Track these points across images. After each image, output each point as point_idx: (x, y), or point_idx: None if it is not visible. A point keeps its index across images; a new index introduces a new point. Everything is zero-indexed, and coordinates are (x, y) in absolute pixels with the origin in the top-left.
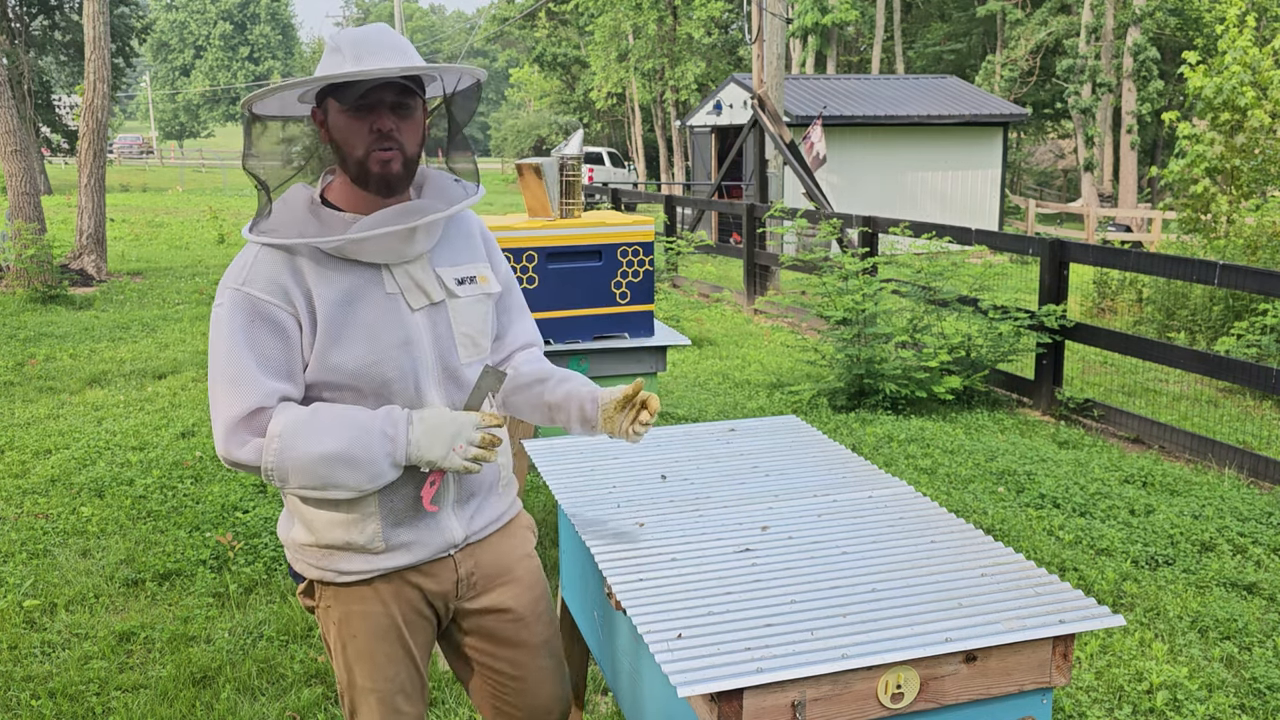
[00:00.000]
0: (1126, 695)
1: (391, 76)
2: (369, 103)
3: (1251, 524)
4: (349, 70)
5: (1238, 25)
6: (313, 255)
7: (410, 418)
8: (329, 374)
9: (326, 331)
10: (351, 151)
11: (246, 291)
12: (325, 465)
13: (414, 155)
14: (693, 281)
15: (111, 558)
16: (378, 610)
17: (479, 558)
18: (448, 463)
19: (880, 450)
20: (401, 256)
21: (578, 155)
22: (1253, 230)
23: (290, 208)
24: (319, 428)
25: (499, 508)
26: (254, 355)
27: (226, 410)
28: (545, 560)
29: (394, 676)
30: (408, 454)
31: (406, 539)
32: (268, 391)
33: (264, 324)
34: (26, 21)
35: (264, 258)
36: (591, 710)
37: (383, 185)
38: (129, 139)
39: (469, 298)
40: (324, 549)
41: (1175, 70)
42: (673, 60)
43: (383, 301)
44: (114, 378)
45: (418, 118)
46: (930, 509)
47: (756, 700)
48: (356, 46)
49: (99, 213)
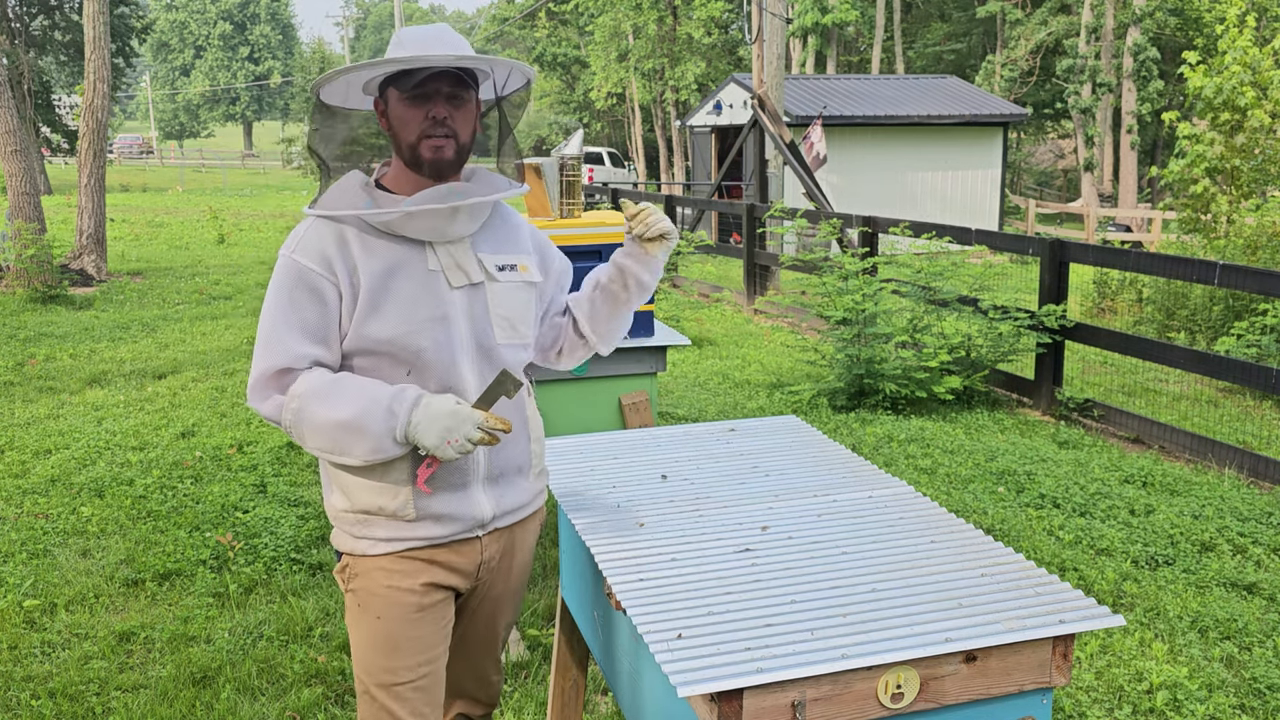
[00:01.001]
0: (1126, 695)
1: (448, 64)
2: (425, 91)
3: (1251, 524)
4: (406, 56)
5: (1238, 25)
6: (361, 229)
7: (419, 401)
8: (366, 341)
9: (367, 300)
10: (407, 137)
11: (294, 259)
12: (336, 430)
13: (466, 144)
14: (693, 281)
15: (111, 558)
16: (405, 585)
17: (500, 544)
18: (439, 451)
19: (880, 450)
20: (444, 235)
21: (578, 155)
22: (1253, 230)
23: (344, 187)
24: (336, 394)
25: (529, 493)
26: (293, 318)
27: (257, 365)
28: (545, 560)
29: (416, 666)
30: (406, 433)
31: (437, 510)
32: (298, 355)
33: (305, 290)
34: (26, 21)
35: (315, 229)
36: (591, 710)
37: (435, 169)
38: (129, 139)
39: (508, 283)
40: (358, 515)
41: (1175, 70)
42: (673, 60)
43: (424, 276)
44: (114, 378)
45: (471, 109)
46: (930, 509)
47: (756, 700)
48: (417, 42)
49: (99, 213)
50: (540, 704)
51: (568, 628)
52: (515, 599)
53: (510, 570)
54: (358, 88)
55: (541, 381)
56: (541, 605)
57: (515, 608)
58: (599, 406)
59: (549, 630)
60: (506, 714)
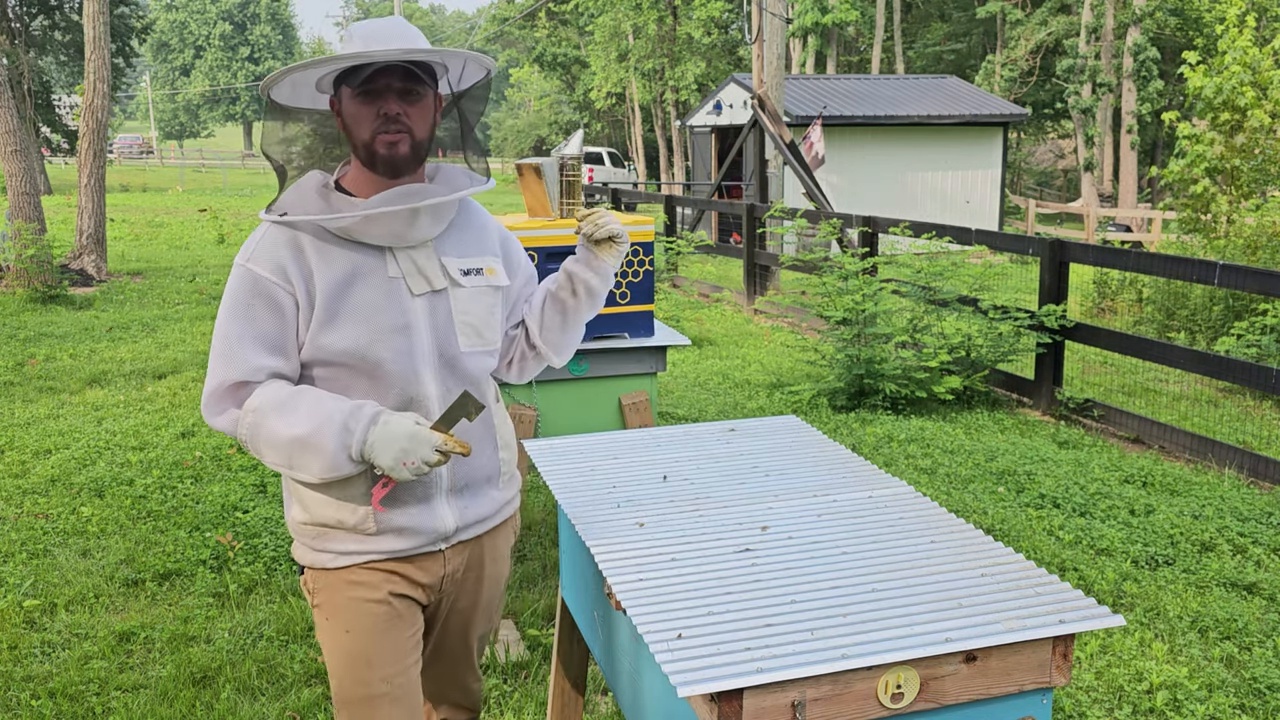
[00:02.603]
0: (1126, 695)
1: (395, 58)
2: (376, 88)
3: (1251, 524)
4: (355, 51)
5: (1238, 25)
6: (317, 234)
7: (376, 418)
8: (323, 352)
9: (323, 310)
10: (360, 135)
11: (250, 268)
12: (291, 446)
13: (423, 140)
14: (693, 281)
15: (111, 558)
16: (370, 596)
17: (465, 556)
18: (395, 472)
19: (880, 450)
20: (404, 240)
21: (578, 155)
22: (1253, 230)
23: (302, 190)
24: (292, 409)
25: (497, 503)
26: (249, 330)
27: (212, 378)
28: (545, 560)
29: (390, 677)
30: (362, 451)
31: (399, 523)
32: (255, 367)
33: (262, 300)
34: (26, 21)
35: (270, 236)
36: (591, 710)
37: (389, 167)
38: (129, 139)
39: (473, 288)
40: (318, 527)
41: (1175, 70)
42: (673, 60)
43: (384, 284)
44: (114, 378)
45: (427, 104)
46: (930, 509)
47: (756, 700)
48: (368, 37)
49: (99, 213)
50: (540, 704)
51: (568, 628)
52: (488, 610)
53: (480, 582)
54: (310, 86)
55: (541, 381)
56: (541, 605)
57: (489, 618)
58: (599, 406)
59: (549, 630)
60: (506, 714)
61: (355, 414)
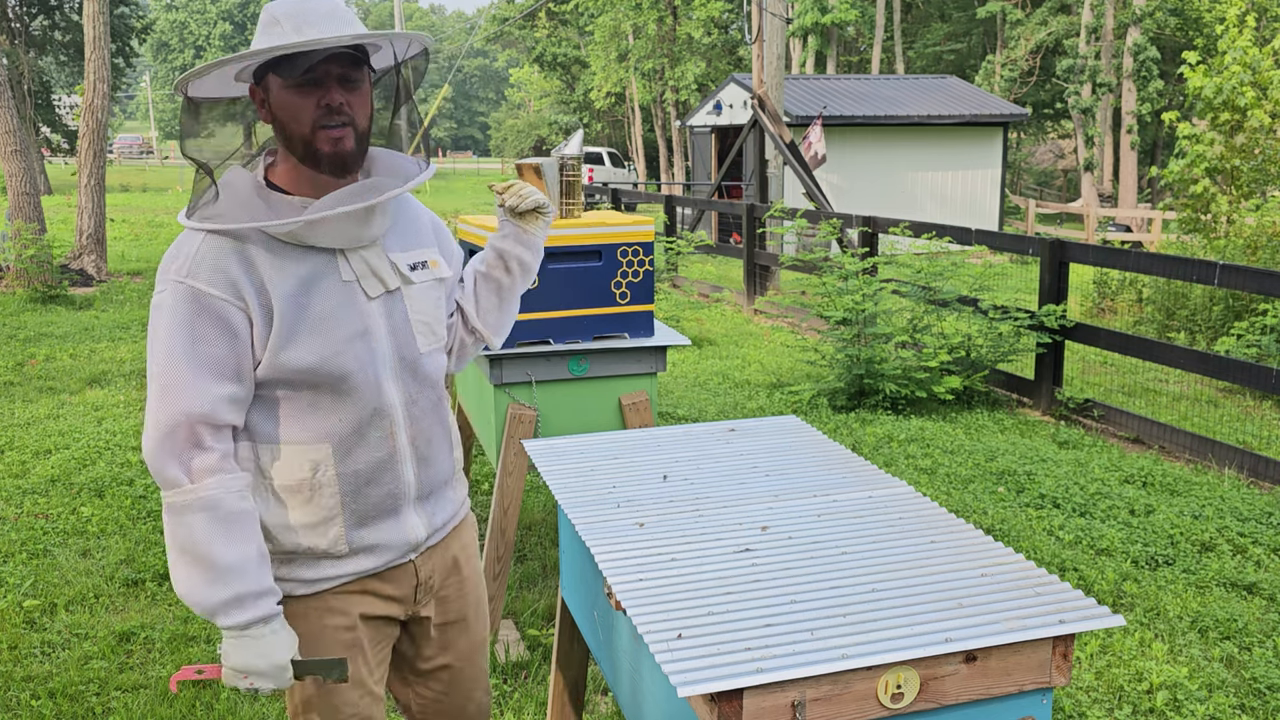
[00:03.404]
0: (1126, 695)
1: (343, 45)
2: (315, 77)
3: (1251, 524)
4: (294, 41)
5: (1238, 25)
6: (264, 243)
7: (267, 622)
8: (283, 371)
9: (282, 326)
10: (298, 129)
11: (190, 284)
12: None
13: (365, 131)
14: (693, 281)
15: (111, 558)
16: (341, 624)
17: (434, 561)
18: (227, 678)
19: (880, 450)
20: (357, 240)
21: (578, 155)
22: (1253, 230)
23: (236, 192)
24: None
25: (455, 502)
26: (197, 354)
27: (162, 412)
28: (545, 560)
29: (355, 702)
30: (227, 630)
31: (371, 540)
32: (211, 397)
33: (210, 321)
34: (26, 21)
35: (210, 246)
36: (591, 710)
37: (336, 165)
38: (129, 139)
39: (422, 284)
40: (285, 555)
41: (1175, 70)
42: (673, 60)
43: (339, 290)
44: (114, 378)
45: (365, 90)
46: (930, 509)
47: (756, 700)
48: (296, 18)
49: (99, 213)
50: (540, 704)
51: (568, 628)
52: (479, 610)
53: (463, 585)
54: (229, 78)
55: (542, 381)
56: (541, 605)
57: (483, 619)
58: (599, 406)
59: (549, 630)
60: (506, 714)
61: (263, 598)
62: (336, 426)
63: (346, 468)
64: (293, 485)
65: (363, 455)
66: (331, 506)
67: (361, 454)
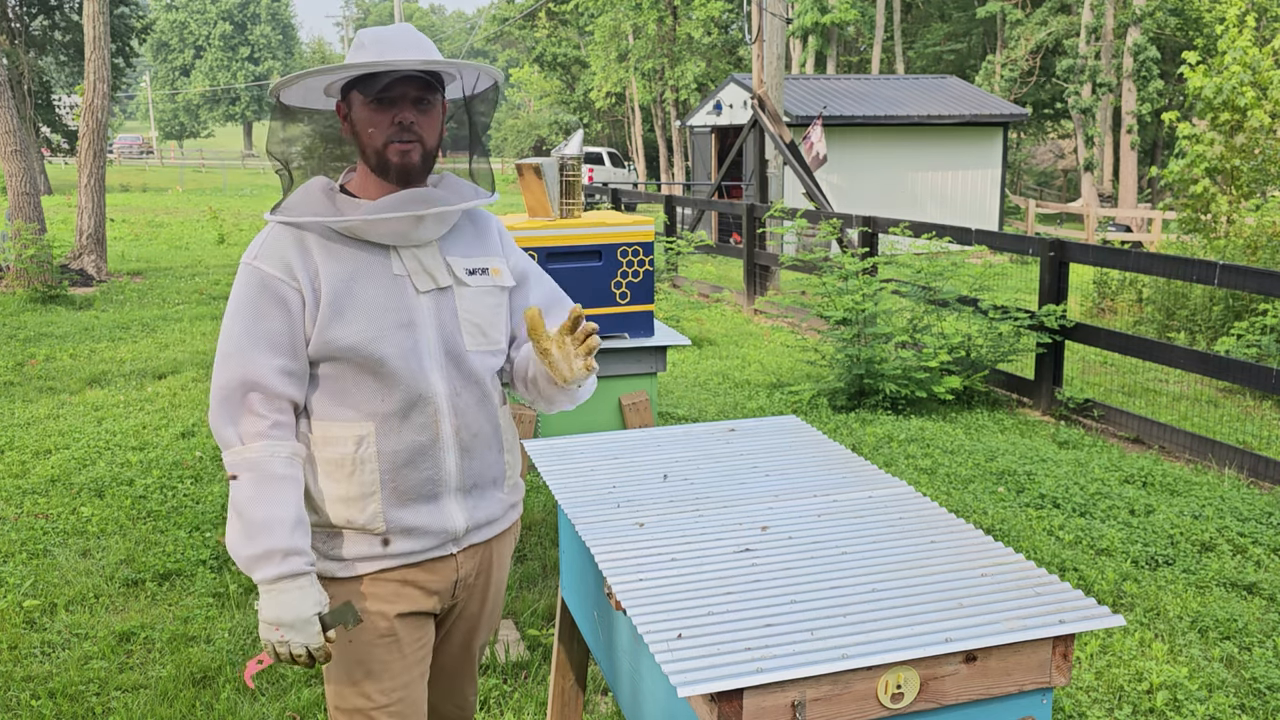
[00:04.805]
0: (1126, 695)
1: (414, 68)
2: (391, 96)
3: (1251, 524)
4: (372, 60)
5: (1238, 25)
6: (323, 234)
7: (295, 578)
8: (329, 348)
9: (330, 306)
10: (372, 142)
11: (256, 266)
12: (242, 515)
13: (432, 149)
14: (693, 281)
15: (111, 558)
16: (377, 610)
17: (476, 561)
18: (264, 630)
19: (880, 450)
20: (409, 239)
21: (578, 155)
22: (1253, 230)
23: (308, 192)
24: (273, 493)
25: (502, 506)
26: (258, 329)
27: (222, 376)
28: (545, 560)
29: (391, 690)
30: (259, 581)
31: (409, 523)
32: (266, 367)
33: (270, 298)
34: (26, 21)
35: (276, 235)
36: (591, 710)
37: (401, 175)
38: (129, 139)
39: (478, 287)
40: (329, 530)
41: (1175, 70)
42: (673, 60)
43: (389, 282)
44: (114, 378)
45: (437, 114)
46: (930, 509)
47: (756, 700)
48: (380, 44)
49: (99, 213)
50: (540, 704)
51: (568, 628)
52: (492, 618)
53: (487, 589)
54: (319, 91)
55: None
56: (541, 605)
57: (490, 627)
58: (599, 406)
59: (549, 630)
60: (506, 714)
61: (291, 555)
62: (380, 407)
63: (387, 446)
64: (336, 459)
65: (405, 437)
66: (371, 483)
67: (404, 436)
